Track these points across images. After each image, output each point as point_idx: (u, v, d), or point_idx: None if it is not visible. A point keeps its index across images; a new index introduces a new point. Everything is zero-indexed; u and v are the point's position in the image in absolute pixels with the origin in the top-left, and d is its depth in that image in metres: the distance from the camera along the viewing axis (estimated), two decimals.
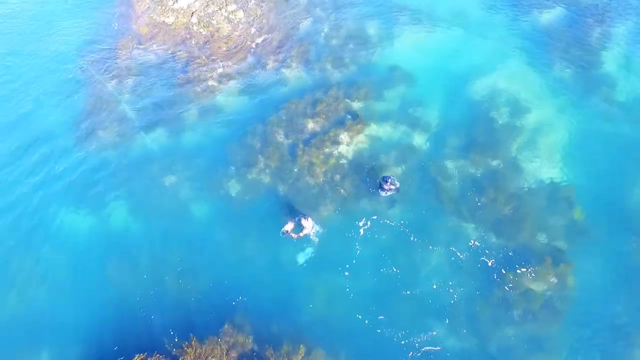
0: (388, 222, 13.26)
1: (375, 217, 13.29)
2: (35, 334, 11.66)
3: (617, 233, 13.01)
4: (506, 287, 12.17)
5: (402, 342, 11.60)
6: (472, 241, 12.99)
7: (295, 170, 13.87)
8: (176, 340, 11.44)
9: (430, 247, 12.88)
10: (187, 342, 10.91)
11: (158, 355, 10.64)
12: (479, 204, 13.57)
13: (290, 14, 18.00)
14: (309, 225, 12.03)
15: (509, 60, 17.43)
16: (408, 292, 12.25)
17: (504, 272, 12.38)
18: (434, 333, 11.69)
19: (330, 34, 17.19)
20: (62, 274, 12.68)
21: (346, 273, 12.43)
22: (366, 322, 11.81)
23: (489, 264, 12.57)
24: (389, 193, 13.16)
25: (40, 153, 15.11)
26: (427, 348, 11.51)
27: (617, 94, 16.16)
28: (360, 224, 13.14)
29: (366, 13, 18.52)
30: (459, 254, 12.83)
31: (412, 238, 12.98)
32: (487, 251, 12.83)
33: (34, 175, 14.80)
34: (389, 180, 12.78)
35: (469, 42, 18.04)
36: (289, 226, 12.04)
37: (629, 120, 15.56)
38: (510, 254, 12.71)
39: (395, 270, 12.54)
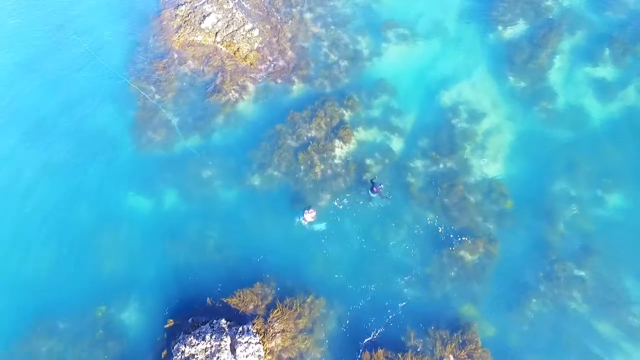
0: (371, 205, 18.06)
1: (361, 202, 18.13)
2: (125, 289, 16.83)
3: (534, 217, 17.95)
4: (449, 254, 17.20)
5: (375, 290, 16.81)
6: (429, 220, 17.89)
7: (301, 168, 18.49)
8: (219, 290, 16.65)
9: (398, 224, 17.80)
10: (235, 292, 16.04)
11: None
12: (437, 194, 18.34)
13: (296, 32, 21.70)
14: (314, 214, 16.85)
15: (474, 71, 21.51)
16: (380, 256, 17.30)
17: (449, 243, 17.39)
18: (402, 282, 16.82)
19: (328, 53, 21.10)
20: (136, 244, 17.63)
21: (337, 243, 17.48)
22: (352, 280, 16.99)
23: (440, 230, 17.51)
24: (376, 195, 17.76)
25: (104, 152, 19.61)
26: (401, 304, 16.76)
27: (555, 104, 20.46)
28: (340, 202, 17.93)
29: (359, 28, 22.22)
30: (419, 229, 17.78)
31: (386, 219, 17.87)
32: (439, 228, 17.77)
33: (101, 167, 19.40)
34: (380, 186, 17.34)
35: (443, 55, 21.99)
36: (308, 215, 16.77)
37: (562, 126, 20.00)
38: (455, 229, 17.65)
39: (371, 241, 17.55)
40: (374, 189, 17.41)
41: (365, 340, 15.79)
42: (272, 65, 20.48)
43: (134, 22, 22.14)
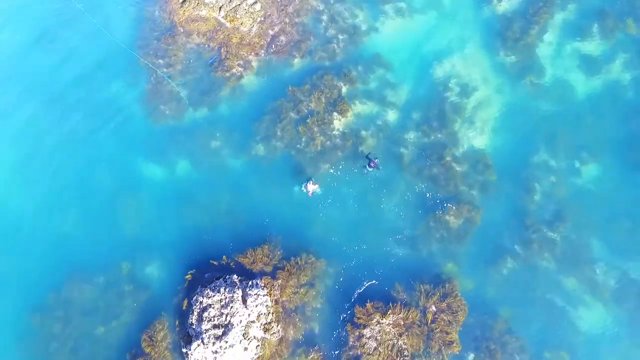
0: (366, 171, 19.72)
1: (356, 171, 19.82)
2: (147, 247, 18.89)
3: (515, 186, 19.70)
4: (435, 218, 19.09)
5: (367, 249, 18.87)
6: (417, 188, 19.65)
7: (302, 140, 20.01)
8: (231, 249, 18.72)
9: (390, 191, 19.58)
10: (246, 251, 18.14)
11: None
12: (427, 164, 19.97)
13: (297, 6, 22.39)
14: (316, 186, 18.61)
15: (467, 45, 22.46)
16: (373, 220, 19.22)
17: (436, 209, 19.24)
18: (392, 243, 18.84)
19: (327, 27, 21.95)
20: (153, 207, 19.52)
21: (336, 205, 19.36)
22: (347, 241, 18.99)
23: (428, 196, 19.33)
24: (373, 169, 19.34)
25: (118, 122, 21.05)
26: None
27: (542, 78, 21.60)
28: (338, 171, 19.64)
29: (358, 2, 22.87)
30: (409, 196, 19.60)
31: (379, 187, 19.62)
32: (427, 194, 19.56)
33: (117, 137, 20.92)
34: (376, 160, 18.89)
35: (438, 28, 22.82)
36: (310, 187, 18.54)
37: (547, 99, 21.29)
38: (442, 197, 19.46)
39: (365, 206, 19.41)
40: (371, 164, 19.00)
41: (356, 293, 18.06)
42: (274, 39, 21.43)
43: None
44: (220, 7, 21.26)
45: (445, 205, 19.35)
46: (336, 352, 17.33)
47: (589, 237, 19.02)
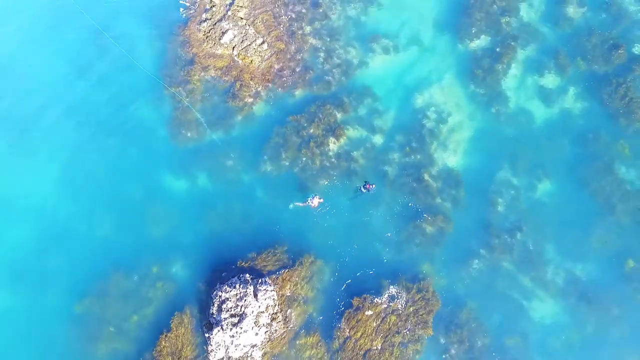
0: (360, 192, 23.37)
1: (349, 184, 23.55)
2: (173, 249, 22.48)
3: (481, 199, 23.52)
4: (415, 226, 22.84)
5: (358, 251, 22.57)
6: (400, 200, 23.40)
7: (304, 159, 23.74)
8: (245, 251, 22.34)
9: (377, 203, 23.32)
10: (255, 254, 21.80)
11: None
12: (408, 180, 23.73)
13: (298, 44, 26.16)
14: (319, 200, 22.32)
15: (444, 77, 26.35)
16: (363, 227, 22.94)
17: (416, 218, 22.98)
18: (379, 246, 22.58)
19: (324, 62, 25.76)
20: (177, 216, 23.11)
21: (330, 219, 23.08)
22: (343, 247, 22.69)
23: (409, 206, 23.10)
24: (366, 191, 22.98)
25: (147, 142, 24.66)
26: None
27: (507, 107, 25.48)
28: (334, 187, 23.39)
29: (350, 40, 26.71)
30: (393, 207, 23.34)
31: (368, 199, 23.35)
32: (409, 204, 23.30)
33: (146, 154, 24.48)
34: (372, 185, 22.56)
35: (419, 62, 26.72)
36: (315, 201, 22.25)
37: (510, 125, 25.19)
38: (421, 208, 23.22)
39: (357, 215, 23.14)
40: (367, 186, 22.70)
41: (344, 285, 21.73)
42: (279, 73, 25.18)
43: (164, 32, 26.47)
44: (233, 47, 24.98)
45: (423, 215, 23.13)
46: (331, 333, 21.03)
47: (542, 242, 22.87)
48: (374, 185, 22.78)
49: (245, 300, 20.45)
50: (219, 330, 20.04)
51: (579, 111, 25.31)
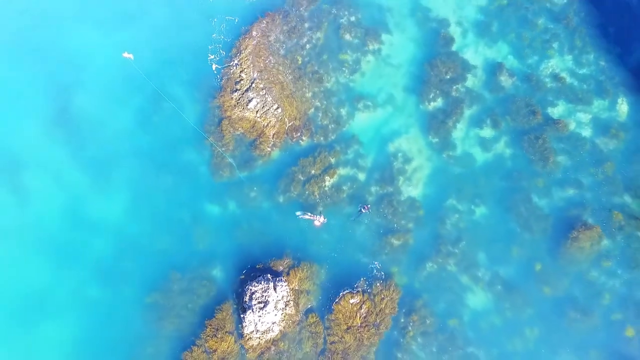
0: (359, 213, 32.58)
1: (342, 210, 32.77)
2: (213, 257, 31.63)
3: (434, 220, 32.77)
4: (386, 240, 31.99)
5: (346, 258, 31.73)
6: (377, 221, 32.59)
7: (307, 192, 32.95)
8: (265, 257, 31.49)
9: (359, 223, 32.51)
10: (272, 259, 31.00)
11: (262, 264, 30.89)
12: (382, 207, 32.93)
13: (304, 106, 35.44)
14: (323, 220, 31.53)
15: (410, 129, 35.62)
16: (349, 241, 32.15)
17: (387, 234, 32.15)
18: (361, 255, 31.76)
19: (322, 118, 35.06)
20: (215, 233, 32.26)
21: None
22: (334, 254, 31.87)
23: (382, 225, 32.33)
24: (365, 211, 32.23)
25: (192, 178, 33.87)
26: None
27: (455, 152, 34.75)
28: (328, 211, 32.65)
29: (340, 101, 36.01)
30: (370, 226, 32.51)
31: (352, 221, 32.56)
32: (383, 224, 32.49)
33: (191, 187, 33.66)
34: (368, 206, 31.79)
35: (392, 117, 36.01)
36: (317, 220, 31.43)
37: (457, 165, 34.48)
38: (389, 227, 32.39)
39: (344, 232, 32.34)
40: (365, 208, 31.91)
41: (335, 282, 30.94)
42: (290, 128, 34.47)
43: (204, 95, 35.79)
44: (257, 111, 34.28)
45: (392, 232, 32.33)
46: (324, 316, 30.14)
47: (476, 251, 32.14)
48: (369, 206, 32.02)
49: (268, 291, 29.60)
50: (250, 312, 29.21)
51: (507, 156, 34.67)
